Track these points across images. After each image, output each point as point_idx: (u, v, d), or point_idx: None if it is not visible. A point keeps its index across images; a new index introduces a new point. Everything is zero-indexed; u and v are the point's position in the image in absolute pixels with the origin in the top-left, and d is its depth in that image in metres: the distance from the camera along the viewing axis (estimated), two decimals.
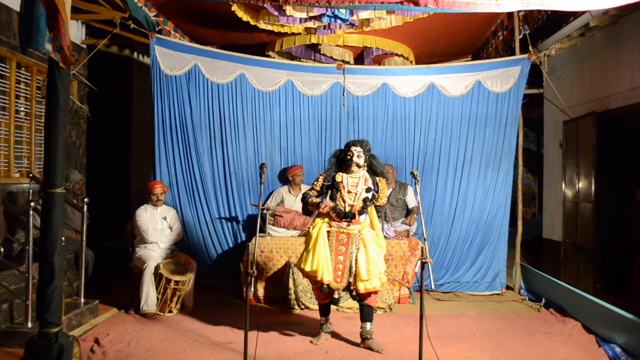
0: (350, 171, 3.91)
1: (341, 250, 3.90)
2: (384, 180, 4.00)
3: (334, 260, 3.90)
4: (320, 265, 3.83)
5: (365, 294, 3.93)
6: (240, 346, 3.58)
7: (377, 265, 3.87)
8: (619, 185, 6.32)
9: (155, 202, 5.14)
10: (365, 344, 4.02)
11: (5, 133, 5.20)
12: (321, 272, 3.83)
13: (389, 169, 5.76)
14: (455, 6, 3.69)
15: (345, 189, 3.88)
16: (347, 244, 3.90)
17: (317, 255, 3.85)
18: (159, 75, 5.69)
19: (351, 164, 3.87)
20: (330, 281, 3.87)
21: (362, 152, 3.89)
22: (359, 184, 3.89)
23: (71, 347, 3.23)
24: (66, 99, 3.23)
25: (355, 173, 3.92)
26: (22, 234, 4.89)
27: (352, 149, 3.88)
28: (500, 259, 5.89)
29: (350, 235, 3.90)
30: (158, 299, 4.78)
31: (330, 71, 5.88)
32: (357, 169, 3.90)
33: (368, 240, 3.91)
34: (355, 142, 3.94)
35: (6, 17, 5.06)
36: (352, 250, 3.89)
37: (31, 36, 3.00)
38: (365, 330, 4.03)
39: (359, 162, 3.87)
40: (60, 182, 3.24)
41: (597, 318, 4.34)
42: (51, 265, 3.19)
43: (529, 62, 5.75)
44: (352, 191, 3.87)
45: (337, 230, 3.91)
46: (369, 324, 4.03)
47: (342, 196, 3.88)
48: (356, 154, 3.86)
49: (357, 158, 3.86)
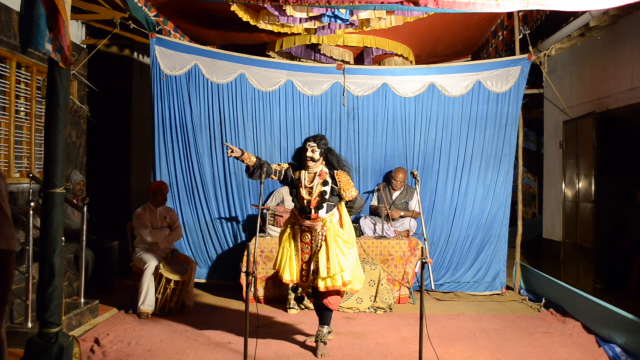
0: (306, 167, 3.89)
1: (306, 249, 3.89)
2: (344, 173, 3.91)
3: (300, 260, 3.89)
4: (283, 264, 3.85)
5: (325, 293, 3.83)
6: (240, 346, 3.58)
7: (338, 263, 3.76)
8: (619, 185, 6.32)
9: (161, 202, 5.13)
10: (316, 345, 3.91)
11: (5, 133, 5.20)
12: (282, 271, 3.85)
13: (404, 173, 5.73)
14: (455, 6, 3.69)
15: (302, 184, 3.88)
16: (311, 242, 3.88)
17: (281, 255, 3.89)
18: (159, 75, 5.69)
19: (306, 159, 3.85)
20: (292, 280, 3.86)
21: (316, 146, 3.85)
22: (315, 178, 3.87)
23: (71, 347, 3.24)
24: (66, 99, 3.23)
25: (312, 168, 3.89)
26: (22, 234, 4.88)
27: (307, 144, 3.87)
28: (500, 259, 5.89)
29: (312, 233, 3.86)
30: (158, 299, 4.78)
31: (330, 71, 5.88)
32: (313, 164, 3.86)
33: (331, 236, 3.82)
34: (309, 137, 3.93)
35: (6, 17, 5.06)
36: (314, 248, 3.86)
37: (31, 36, 3.00)
38: (322, 333, 3.91)
39: (313, 157, 3.84)
40: (60, 182, 3.24)
41: (597, 318, 4.34)
42: (51, 265, 3.19)
43: (529, 62, 5.75)
44: (308, 186, 3.86)
45: (301, 229, 3.90)
46: (325, 327, 3.93)
47: (299, 192, 3.88)
48: (310, 149, 3.84)
49: (311, 153, 3.83)
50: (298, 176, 3.91)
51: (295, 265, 3.86)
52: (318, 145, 3.87)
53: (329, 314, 3.95)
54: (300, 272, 3.87)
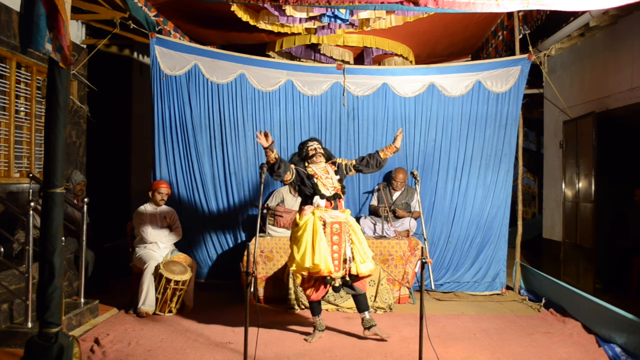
0: (316, 163, 4.26)
1: (335, 240, 4.06)
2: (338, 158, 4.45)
3: (332, 250, 4.03)
4: (322, 258, 3.93)
5: (360, 278, 4.12)
6: (240, 346, 3.58)
7: (368, 249, 4.18)
8: (619, 185, 6.32)
9: (158, 201, 5.13)
10: (372, 331, 4.15)
11: (5, 133, 5.20)
12: (325, 265, 3.93)
13: (404, 174, 5.75)
14: (455, 6, 3.70)
15: (320, 177, 4.19)
16: (340, 233, 4.07)
17: (317, 249, 3.94)
18: (159, 75, 5.69)
19: (317, 155, 4.25)
20: (330, 272, 3.97)
21: (320, 145, 4.32)
22: (327, 170, 4.28)
23: (71, 347, 3.24)
24: (66, 99, 3.23)
25: (320, 163, 4.28)
26: (22, 234, 4.89)
27: (311, 144, 4.30)
28: (500, 259, 5.89)
29: (342, 224, 4.09)
30: (158, 299, 4.78)
31: (330, 71, 5.88)
32: (322, 159, 4.29)
33: (355, 226, 4.20)
34: (311, 139, 4.38)
35: (6, 17, 5.06)
36: (344, 237, 4.07)
37: (31, 36, 3.00)
38: (367, 319, 4.18)
39: (323, 153, 4.30)
40: (61, 182, 3.24)
41: (597, 318, 4.33)
42: (51, 265, 3.19)
43: (529, 62, 5.75)
44: (326, 176, 4.23)
45: (332, 221, 4.07)
46: (367, 313, 4.20)
47: (322, 183, 4.17)
48: (317, 146, 4.29)
49: (320, 149, 4.29)
50: (312, 172, 4.21)
51: (329, 256, 4.00)
52: (320, 144, 4.33)
53: (366, 298, 4.27)
54: (333, 263, 4.01)
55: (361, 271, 4.05)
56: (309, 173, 4.20)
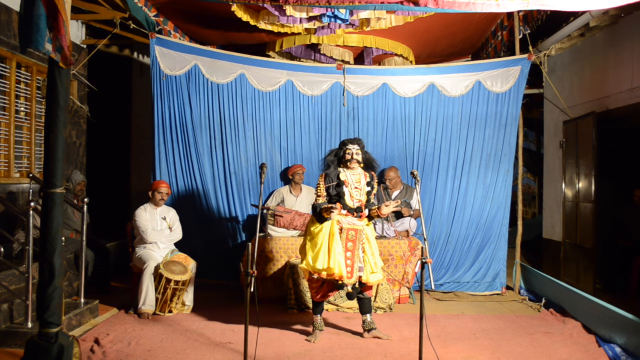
0: (351, 168, 4.08)
1: (350, 246, 4.05)
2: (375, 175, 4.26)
3: (345, 257, 4.02)
4: (337, 262, 3.95)
5: (369, 287, 4.19)
6: (240, 346, 3.58)
7: (379, 259, 4.18)
8: (619, 185, 6.32)
9: (158, 200, 5.13)
10: (372, 334, 4.18)
11: (5, 133, 5.20)
12: (338, 269, 3.94)
13: (394, 172, 5.76)
14: (455, 6, 3.70)
15: (350, 185, 4.05)
16: (355, 240, 4.05)
17: (332, 253, 3.96)
18: (159, 75, 5.69)
19: (351, 161, 4.05)
20: (341, 277, 3.97)
21: (360, 149, 4.09)
22: (360, 179, 4.10)
23: (71, 347, 3.24)
24: (66, 99, 3.23)
25: (355, 170, 4.10)
26: (22, 234, 4.89)
27: (350, 147, 4.08)
28: (500, 259, 5.89)
29: (357, 231, 4.06)
30: (158, 299, 4.78)
31: (330, 71, 5.88)
32: (357, 166, 4.08)
33: (370, 234, 4.15)
34: (351, 140, 4.14)
35: (6, 17, 5.06)
36: (358, 245, 4.05)
37: (31, 36, 3.00)
38: (368, 322, 4.22)
39: (359, 159, 4.07)
40: (61, 182, 3.24)
41: (597, 318, 4.33)
42: (51, 265, 3.19)
43: (529, 62, 5.75)
44: (357, 187, 4.08)
45: (348, 227, 4.06)
46: (369, 316, 4.24)
47: (350, 193, 4.06)
48: (355, 151, 4.06)
49: (356, 155, 4.06)
50: (344, 178, 4.08)
51: (343, 261, 3.99)
52: (360, 148, 4.10)
53: (370, 302, 4.30)
54: (345, 269, 4.01)
55: (370, 281, 4.09)
56: (340, 180, 4.07)
